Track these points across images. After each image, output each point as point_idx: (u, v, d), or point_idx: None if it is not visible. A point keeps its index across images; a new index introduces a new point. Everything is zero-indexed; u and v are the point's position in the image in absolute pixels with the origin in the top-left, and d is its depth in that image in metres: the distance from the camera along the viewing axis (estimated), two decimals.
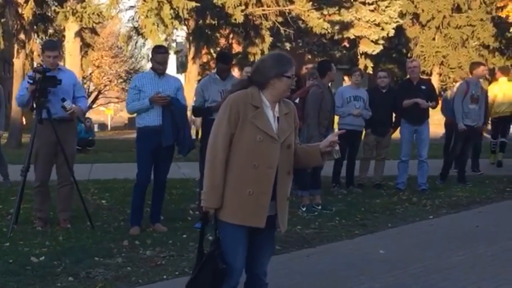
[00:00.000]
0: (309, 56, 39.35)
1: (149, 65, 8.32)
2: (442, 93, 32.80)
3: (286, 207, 4.28)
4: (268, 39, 25.26)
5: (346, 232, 8.00)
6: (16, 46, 22.98)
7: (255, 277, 4.38)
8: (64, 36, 23.04)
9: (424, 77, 21.25)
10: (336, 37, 36.10)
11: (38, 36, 24.79)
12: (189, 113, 9.45)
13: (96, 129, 30.10)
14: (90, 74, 49.04)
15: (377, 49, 38.30)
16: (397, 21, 38.00)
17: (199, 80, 13.71)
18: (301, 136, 9.17)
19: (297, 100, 9.03)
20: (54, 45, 8.05)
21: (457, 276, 6.21)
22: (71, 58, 21.78)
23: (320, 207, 9.26)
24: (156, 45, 9.35)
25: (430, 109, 11.23)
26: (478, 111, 11.68)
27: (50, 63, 7.67)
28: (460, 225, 8.64)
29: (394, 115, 11.37)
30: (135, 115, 8.02)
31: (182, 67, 34.57)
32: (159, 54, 7.76)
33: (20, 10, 21.65)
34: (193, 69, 26.62)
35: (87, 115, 30.69)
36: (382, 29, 37.62)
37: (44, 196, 7.99)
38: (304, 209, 9.14)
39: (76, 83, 8.10)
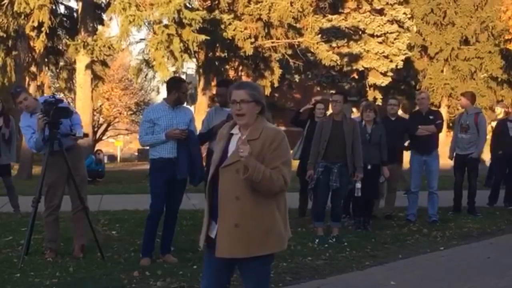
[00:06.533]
0: (318, 88, 39.51)
1: (159, 97, 8.36)
2: (451, 124, 32.77)
3: (233, 233, 4.17)
4: (278, 71, 25.41)
5: (357, 263, 7.96)
6: (27, 79, 23.19)
7: None
8: (74, 68, 23.24)
9: (433, 108, 21.13)
10: (345, 69, 36.24)
11: (49, 68, 25.02)
12: None
13: (105, 160, 30.18)
14: (100, 106, 49.30)
15: (386, 81, 38.38)
16: (405, 53, 38.11)
17: None
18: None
19: None
20: (15, 94, 7.87)
21: None
22: (82, 90, 21.91)
23: (334, 240, 9.16)
24: (175, 77, 9.37)
25: (439, 140, 11.27)
26: (467, 140, 11.84)
27: (23, 108, 7.71)
28: (471, 256, 8.60)
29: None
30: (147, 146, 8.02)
31: (192, 99, 34.73)
32: (184, 83, 7.83)
33: (31, 43, 21.88)
34: (202, 100, 26.76)
35: (97, 146, 30.89)
36: (391, 61, 37.73)
37: (55, 226, 8.01)
38: (317, 240, 9.05)
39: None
